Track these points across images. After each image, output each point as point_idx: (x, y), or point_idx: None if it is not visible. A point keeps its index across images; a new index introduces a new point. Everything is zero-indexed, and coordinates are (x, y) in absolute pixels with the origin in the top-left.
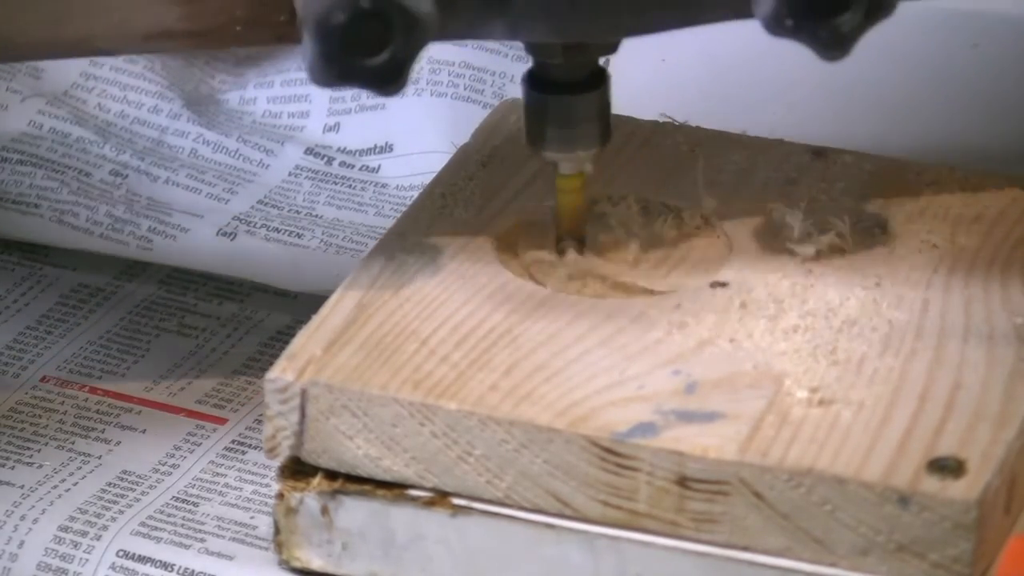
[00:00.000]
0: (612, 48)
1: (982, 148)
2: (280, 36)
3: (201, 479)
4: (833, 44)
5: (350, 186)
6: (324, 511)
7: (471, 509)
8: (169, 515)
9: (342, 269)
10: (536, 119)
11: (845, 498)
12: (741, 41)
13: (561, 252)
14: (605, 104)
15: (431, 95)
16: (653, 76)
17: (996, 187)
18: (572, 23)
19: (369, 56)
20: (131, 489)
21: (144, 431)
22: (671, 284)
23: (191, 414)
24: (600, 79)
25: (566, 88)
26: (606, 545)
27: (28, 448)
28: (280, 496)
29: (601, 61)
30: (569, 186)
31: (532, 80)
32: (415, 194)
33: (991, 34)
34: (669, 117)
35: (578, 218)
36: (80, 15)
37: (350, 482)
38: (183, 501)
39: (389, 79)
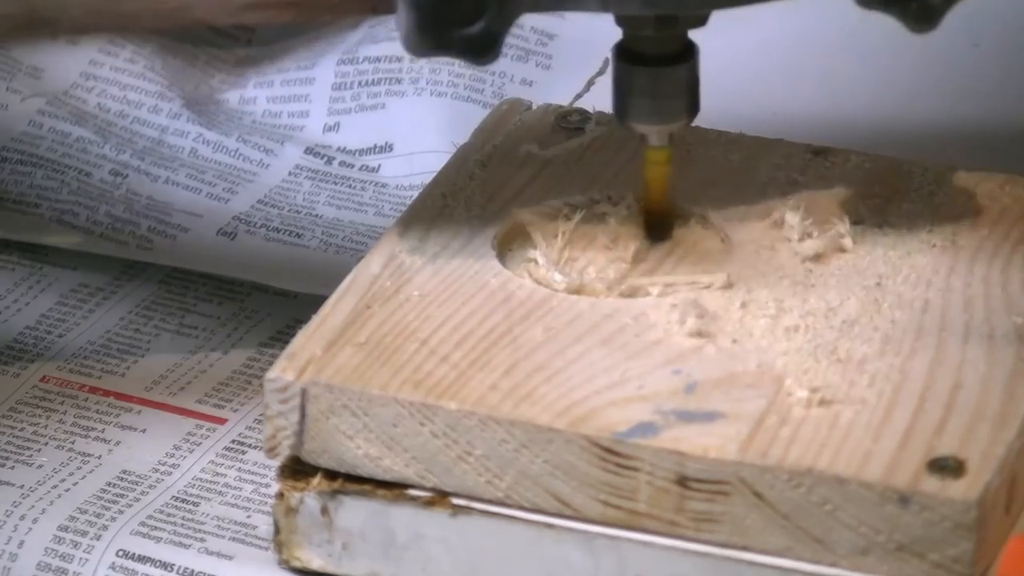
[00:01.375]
0: (702, 21)
1: (982, 148)
2: (375, 6)
3: (201, 479)
4: (923, 17)
5: (350, 186)
6: (324, 511)
7: (471, 509)
8: (169, 515)
9: (342, 269)
10: (624, 91)
11: (845, 498)
12: (741, 41)
13: (650, 238)
14: (694, 77)
15: (431, 95)
16: None
17: (996, 187)
18: None
19: (464, 26)
20: (131, 489)
21: (144, 431)
22: (671, 284)
23: (191, 414)
24: (690, 52)
25: (656, 60)
26: (606, 545)
27: (28, 448)
28: (280, 496)
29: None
30: (657, 158)
31: (622, 52)
32: (415, 194)
33: (991, 34)
34: None
35: (664, 191)
36: None
37: (350, 482)
38: (183, 501)
39: (483, 49)
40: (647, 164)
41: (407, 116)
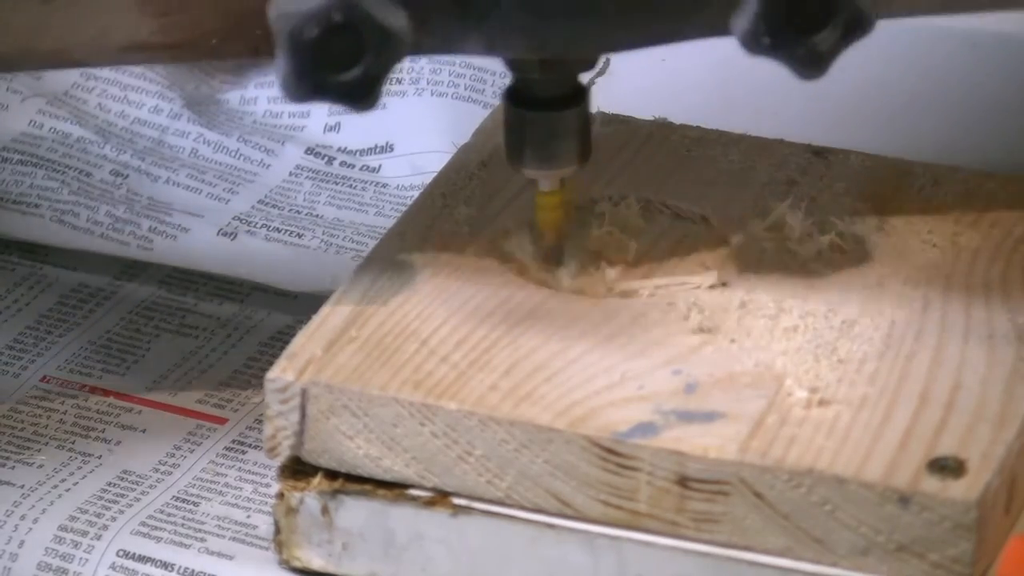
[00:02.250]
0: (590, 64)
1: (982, 148)
2: (256, 49)
3: (201, 479)
4: (811, 63)
5: (350, 186)
6: (324, 511)
7: (471, 509)
8: (169, 515)
9: (342, 269)
10: (515, 135)
11: (845, 498)
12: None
13: (548, 264)
14: (585, 121)
15: (431, 95)
16: (653, 76)
17: (996, 187)
18: (548, 39)
19: (341, 71)
20: (131, 489)
21: (144, 431)
22: (671, 284)
23: (191, 414)
24: (580, 96)
25: (545, 104)
26: (606, 545)
27: (28, 448)
28: (280, 496)
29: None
30: (549, 203)
31: (511, 96)
32: (415, 194)
33: (990, 35)
34: (663, 119)
35: (558, 234)
36: (56, 28)
37: (350, 482)
38: (183, 501)
39: (362, 95)
40: (538, 209)
41: (408, 116)
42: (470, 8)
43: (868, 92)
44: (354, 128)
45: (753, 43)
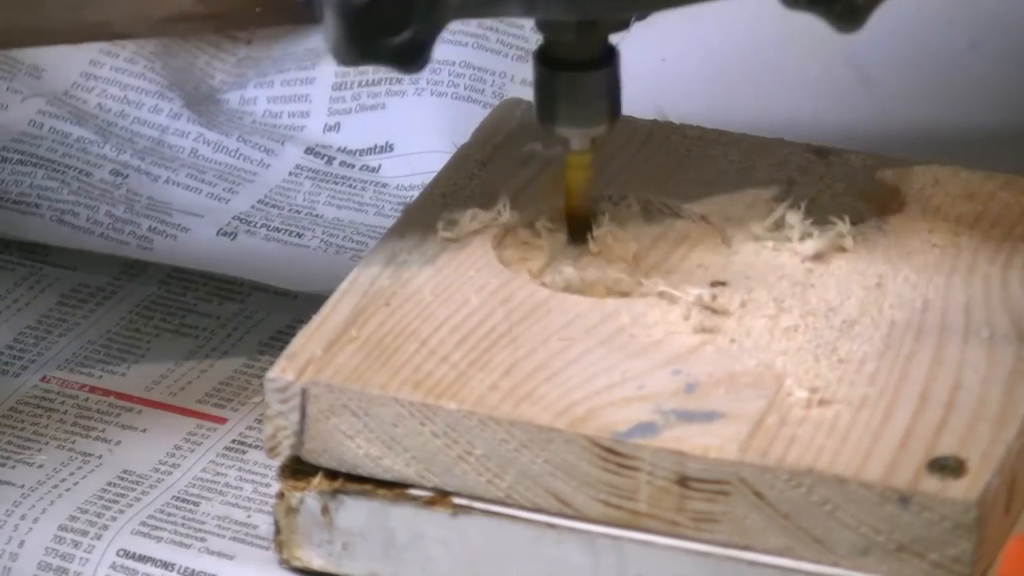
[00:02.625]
0: (624, 25)
1: (982, 147)
2: (299, 18)
3: (201, 479)
4: (848, 17)
5: (350, 186)
6: (324, 511)
7: (471, 509)
8: (169, 514)
9: (342, 269)
10: (547, 96)
11: (845, 498)
12: (742, 40)
13: (571, 240)
14: (615, 82)
15: (431, 95)
16: (653, 76)
17: (997, 187)
18: (587, 0)
19: (391, 35)
20: (131, 489)
21: (144, 431)
22: (671, 284)
23: (191, 414)
24: (611, 57)
25: (578, 65)
26: (606, 545)
27: (28, 448)
28: (280, 496)
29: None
30: (578, 162)
31: (543, 57)
32: (415, 194)
33: (991, 34)
34: (664, 116)
35: (585, 195)
36: (98, 0)
37: (350, 482)
38: (183, 501)
39: (412, 58)
40: (567, 168)
41: (407, 116)
42: None
43: (868, 92)
44: (354, 128)
45: None
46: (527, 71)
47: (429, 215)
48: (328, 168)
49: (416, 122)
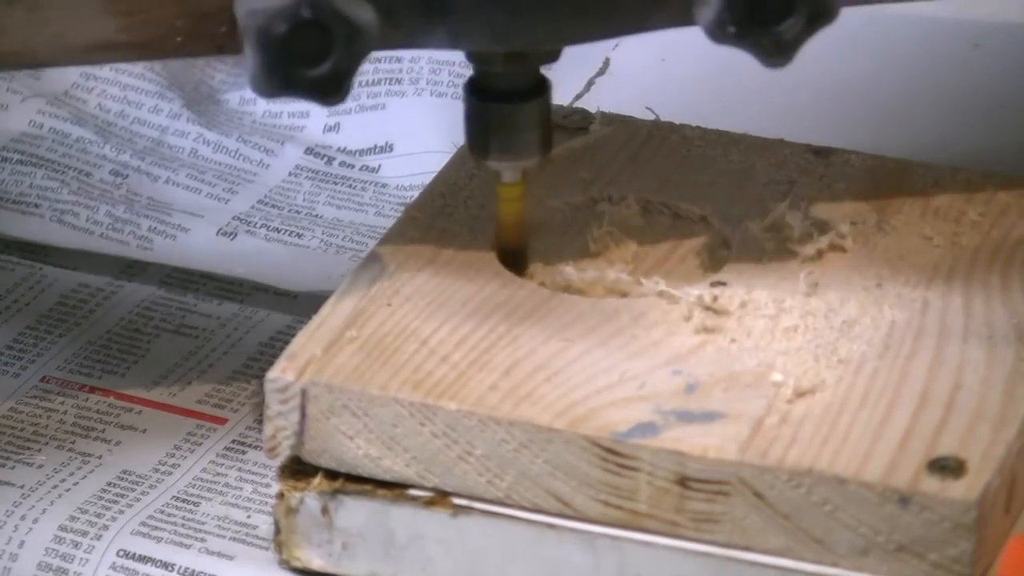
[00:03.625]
0: (553, 56)
1: (982, 148)
2: (221, 47)
3: (201, 479)
4: (776, 51)
5: (350, 186)
6: (324, 511)
7: (471, 509)
8: (169, 515)
9: (342, 269)
10: (478, 128)
11: (845, 498)
12: None
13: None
14: (546, 113)
15: (431, 95)
16: (653, 76)
17: (996, 187)
18: (513, 32)
19: (311, 67)
20: (131, 489)
21: (144, 431)
22: (671, 284)
23: (191, 414)
24: (541, 88)
25: (508, 97)
26: (606, 545)
27: (28, 448)
28: (280, 496)
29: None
30: (510, 194)
31: (473, 88)
32: (415, 194)
33: (992, 35)
34: (655, 113)
35: (519, 227)
36: (18, 28)
37: (350, 482)
38: (183, 501)
39: (331, 90)
40: (500, 201)
41: (407, 116)
42: (434, 2)
43: (868, 92)
44: (354, 128)
45: (719, 32)
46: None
47: (429, 215)
48: (328, 168)
49: (416, 122)
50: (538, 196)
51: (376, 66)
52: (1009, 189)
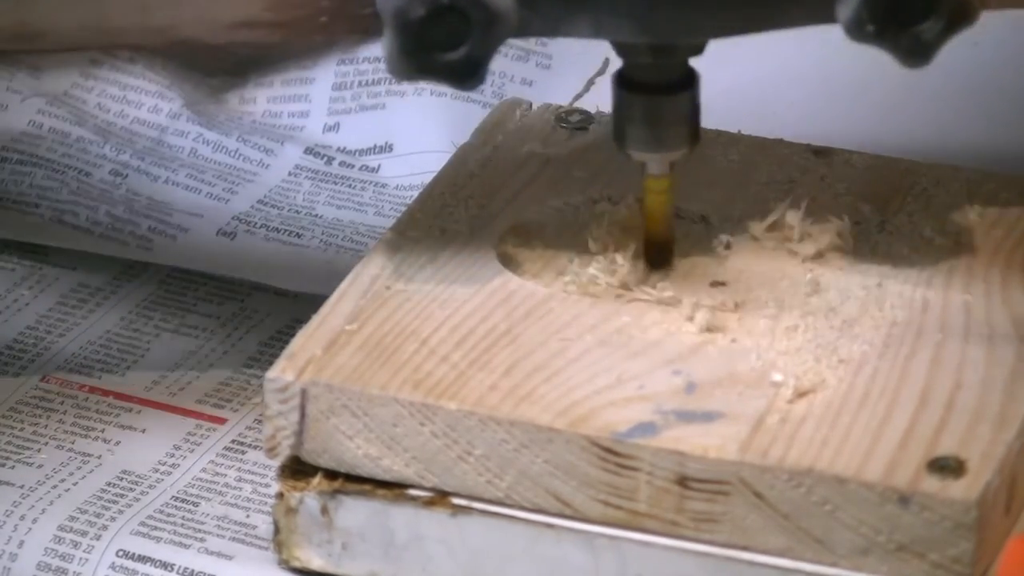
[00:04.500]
0: (699, 49)
1: (982, 147)
2: (365, 28)
3: (201, 479)
4: (915, 52)
5: (350, 186)
6: (324, 511)
7: (471, 509)
8: (169, 515)
9: (342, 269)
10: (624, 119)
11: (845, 498)
12: (741, 40)
13: (650, 266)
14: (695, 105)
15: (431, 95)
16: None
17: (997, 187)
18: (655, 22)
19: (447, 51)
20: (131, 489)
21: (144, 431)
22: (671, 284)
23: (191, 414)
24: (690, 80)
25: (655, 88)
26: (606, 545)
27: (28, 448)
28: (280, 496)
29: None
30: (657, 187)
31: (621, 80)
32: (415, 194)
33: (991, 32)
34: None
35: (666, 220)
36: (166, 3)
37: (350, 482)
38: (183, 501)
39: (467, 74)
40: (647, 193)
41: (407, 116)
42: None
43: (869, 92)
44: (353, 128)
45: (857, 31)
46: (527, 71)
47: (429, 215)
48: (328, 168)
49: (416, 122)
50: (538, 196)
51: (376, 66)
52: (1009, 189)
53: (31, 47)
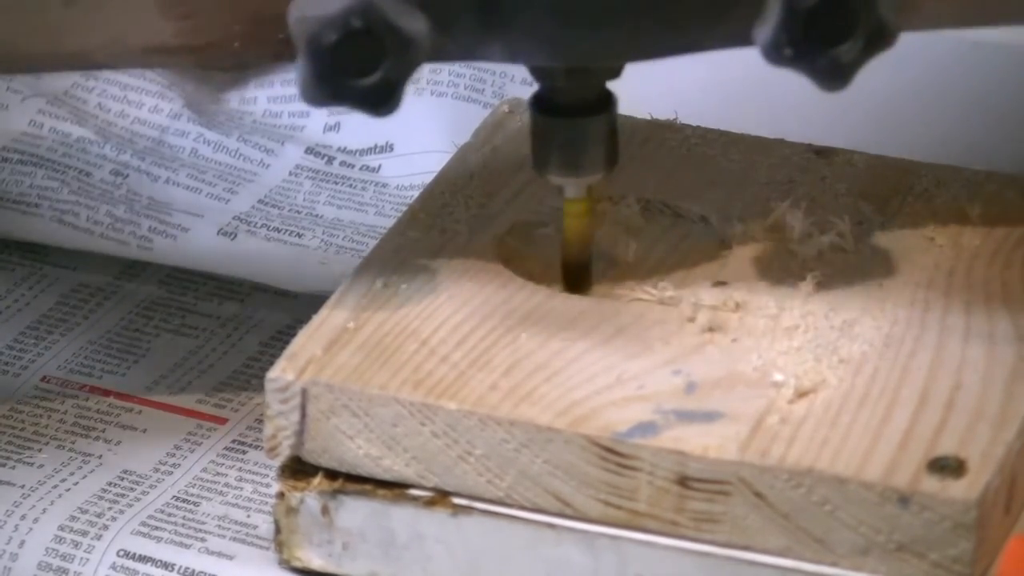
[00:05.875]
0: (615, 72)
1: (983, 147)
2: (278, 54)
3: (201, 479)
4: (833, 75)
5: (350, 186)
6: (324, 511)
7: (471, 509)
8: (169, 515)
9: (342, 269)
10: (541, 142)
11: (845, 498)
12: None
13: (568, 290)
14: (612, 128)
15: (431, 95)
16: (653, 76)
17: (997, 187)
18: (572, 48)
19: (361, 76)
20: (131, 489)
21: (144, 431)
22: (671, 284)
23: (191, 414)
24: (606, 103)
25: (571, 112)
26: (606, 545)
27: (28, 448)
28: (280, 496)
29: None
30: (575, 210)
31: (537, 103)
32: (415, 194)
33: (991, 34)
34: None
35: (584, 242)
36: (77, 30)
37: (350, 482)
38: (183, 501)
39: (381, 100)
40: (565, 216)
41: (407, 116)
42: (493, 15)
43: (869, 92)
44: (354, 128)
45: (775, 54)
46: (527, 71)
47: (429, 215)
48: (328, 168)
49: (416, 122)
50: (538, 196)
51: None
52: (1010, 189)
53: None
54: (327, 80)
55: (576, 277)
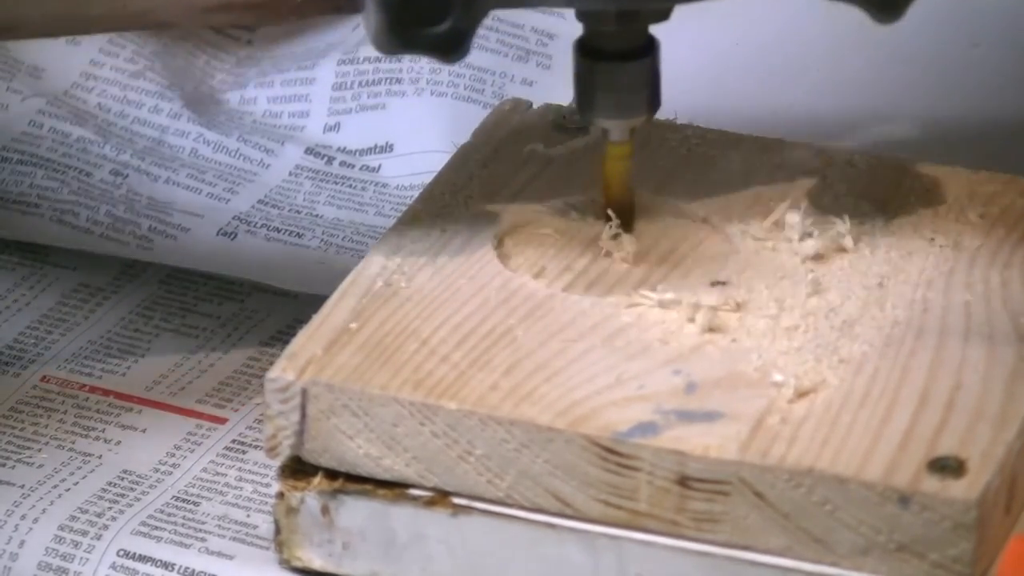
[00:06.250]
0: (664, 15)
1: (982, 148)
2: (339, 7)
3: (201, 479)
4: (886, 7)
5: (350, 186)
6: (325, 511)
7: (472, 509)
8: (169, 514)
9: (342, 269)
10: (586, 86)
11: (845, 498)
12: (741, 40)
13: (611, 232)
14: (655, 72)
15: (431, 95)
16: None
17: (997, 186)
18: None
19: (431, 25)
20: (131, 489)
21: (144, 431)
22: (671, 284)
23: (191, 414)
24: (651, 47)
25: (617, 56)
26: (606, 545)
27: (28, 448)
28: (281, 496)
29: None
30: (618, 153)
31: (583, 48)
32: (415, 194)
33: (991, 34)
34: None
35: (624, 185)
36: None
37: (351, 482)
38: (183, 501)
39: (451, 48)
40: (607, 159)
41: (407, 116)
42: None
43: (869, 92)
44: (354, 128)
45: None
46: (527, 71)
47: (430, 214)
48: (328, 168)
49: (416, 122)
50: (538, 196)
51: (376, 66)
52: (1010, 189)
53: (5, 36)
54: (398, 30)
55: (621, 218)
